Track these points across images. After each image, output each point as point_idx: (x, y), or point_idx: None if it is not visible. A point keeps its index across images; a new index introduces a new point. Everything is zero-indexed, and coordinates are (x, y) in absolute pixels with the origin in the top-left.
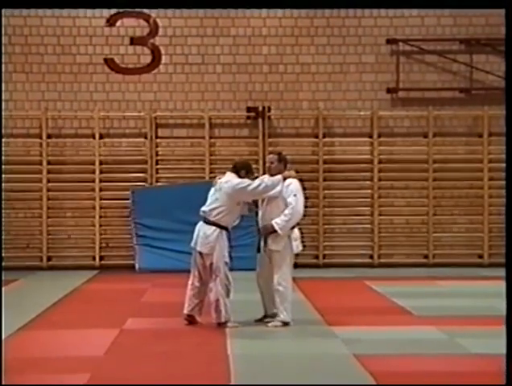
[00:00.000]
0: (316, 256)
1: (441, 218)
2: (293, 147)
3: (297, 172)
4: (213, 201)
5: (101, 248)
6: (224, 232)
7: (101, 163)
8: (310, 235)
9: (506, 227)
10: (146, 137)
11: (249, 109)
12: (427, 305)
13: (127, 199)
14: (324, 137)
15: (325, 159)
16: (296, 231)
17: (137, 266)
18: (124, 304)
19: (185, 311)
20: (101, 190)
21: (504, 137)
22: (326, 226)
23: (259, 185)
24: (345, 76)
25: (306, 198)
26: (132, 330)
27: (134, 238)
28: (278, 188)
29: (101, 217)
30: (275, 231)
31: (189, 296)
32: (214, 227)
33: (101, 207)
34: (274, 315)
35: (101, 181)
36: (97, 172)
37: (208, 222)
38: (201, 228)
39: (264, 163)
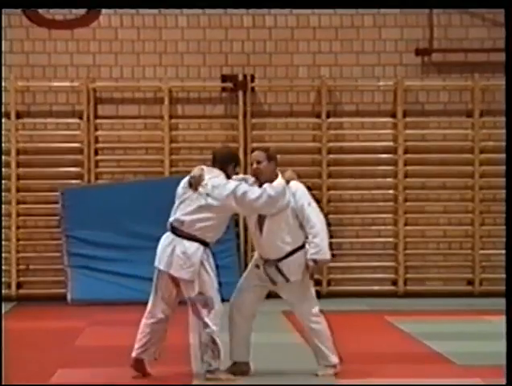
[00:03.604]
0: (318, 282)
1: (491, 229)
2: (286, 131)
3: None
4: (196, 209)
5: (18, 271)
6: (208, 251)
7: (18, 153)
8: None
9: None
10: (81, 117)
11: (224, 78)
12: (473, 349)
13: (55, 203)
14: (328, 116)
15: (331, 148)
16: None
17: (69, 296)
18: (51, 349)
19: (134, 354)
20: (18, 190)
21: None
22: (332, 240)
23: (260, 197)
24: (358, 32)
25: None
26: None
27: (64, 257)
28: (285, 199)
29: (18, 228)
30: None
31: (144, 333)
32: (197, 245)
33: (18, 215)
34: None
35: (18, 178)
36: (13, 165)
37: (186, 236)
38: (177, 244)
39: (246, 153)
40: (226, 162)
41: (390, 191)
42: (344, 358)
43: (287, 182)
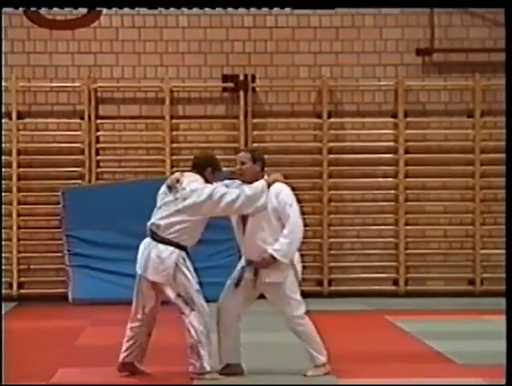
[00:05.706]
0: (319, 282)
1: (492, 229)
2: (287, 131)
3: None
4: (173, 213)
5: (20, 271)
6: (184, 254)
7: (19, 153)
8: (311, 252)
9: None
10: (82, 118)
11: (225, 78)
12: (474, 349)
13: (56, 204)
14: (329, 117)
15: (331, 148)
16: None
17: (70, 296)
18: (53, 349)
19: (120, 359)
20: (19, 190)
21: None
22: (333, 240)
23: (237, 198)
24: (359, 32)
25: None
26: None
27: (66, 257)
28: (263, 199)
29: (19, 228)
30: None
31: (128, 337)
32: (172, 248)
33: (19, 215)
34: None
35: (19, 178)
36: (14, 165)
37: (162, 240)
38: (152, 248)
39: None
40: (204, 167)
41: (391, 191)
42: (344, 357)
43: (270, 183)
